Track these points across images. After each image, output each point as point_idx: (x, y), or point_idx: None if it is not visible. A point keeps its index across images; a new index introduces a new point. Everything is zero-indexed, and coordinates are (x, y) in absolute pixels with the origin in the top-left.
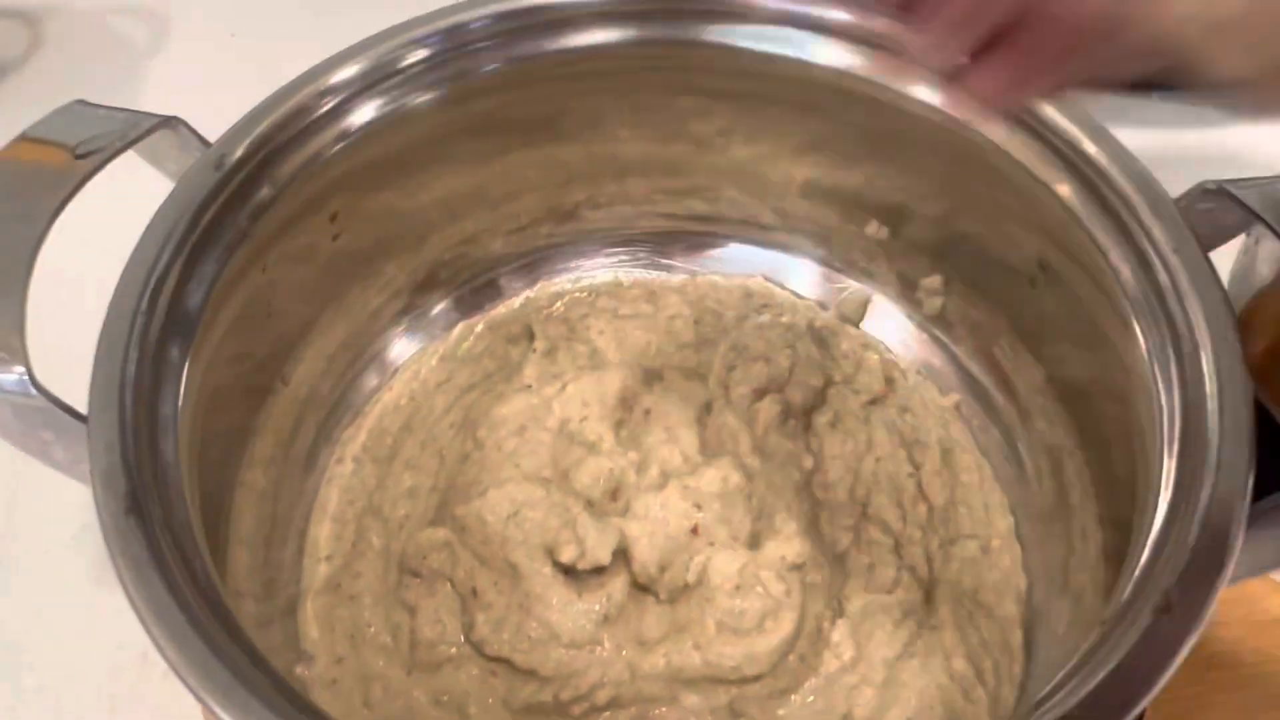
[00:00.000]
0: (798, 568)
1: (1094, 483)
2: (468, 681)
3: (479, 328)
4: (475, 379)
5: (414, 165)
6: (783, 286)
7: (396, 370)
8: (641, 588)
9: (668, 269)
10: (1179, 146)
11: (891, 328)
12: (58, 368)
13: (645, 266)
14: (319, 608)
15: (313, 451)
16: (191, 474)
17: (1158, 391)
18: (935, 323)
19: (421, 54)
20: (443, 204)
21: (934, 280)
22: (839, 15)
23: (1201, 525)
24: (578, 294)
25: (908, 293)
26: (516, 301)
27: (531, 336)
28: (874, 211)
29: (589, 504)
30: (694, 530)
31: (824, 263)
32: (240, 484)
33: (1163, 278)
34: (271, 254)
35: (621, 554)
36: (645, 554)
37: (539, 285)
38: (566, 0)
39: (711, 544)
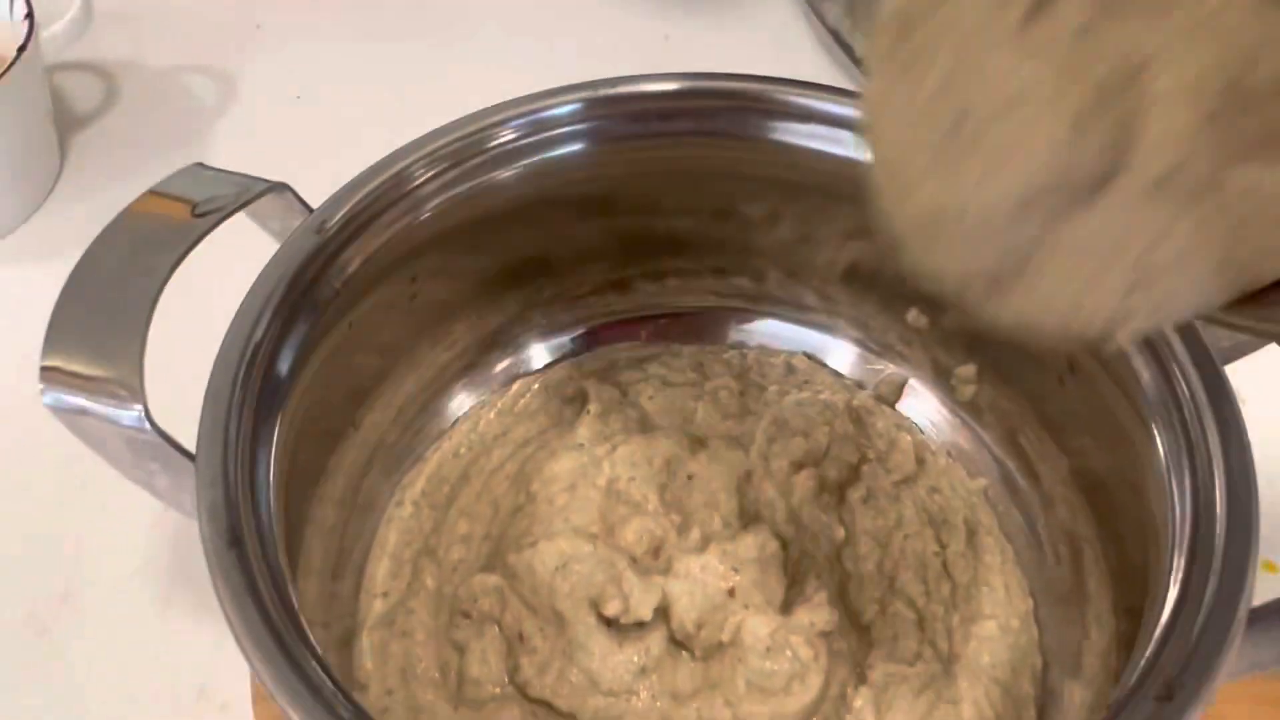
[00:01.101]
0: (825, 635)
1: (1110, 572)
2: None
3: (535, 386)
4: (531, 434)
5: (490, 233)
6: (824, 365)
7: (457, 421)
8: (678, 644)
9: (716, 340)
10: None
11: (925, 409)
12: (170, 407)
13: (695, 339)
14: (374, 641)
15: (375, 493)
16: (278, 511)
17: (1171, 493)
18: (966, 408)
19: (508, 135)
20: (511, 271)
21: (968, 369)
22: None
23: (1205, 621)
24: (631, 360)
25: (942, 379)
26: (573, 363)
27: (585, 398)
28: (914, 299)
29: (633, 560)
30: (730, 592)
31: (863, 344)
32: (311, 520)
33: (1181, 389)
34: (358, 310)
35: (661, 610)
36: (684, 612)
37: (596, 350)
38: (643, 91)
39: (746, 606)
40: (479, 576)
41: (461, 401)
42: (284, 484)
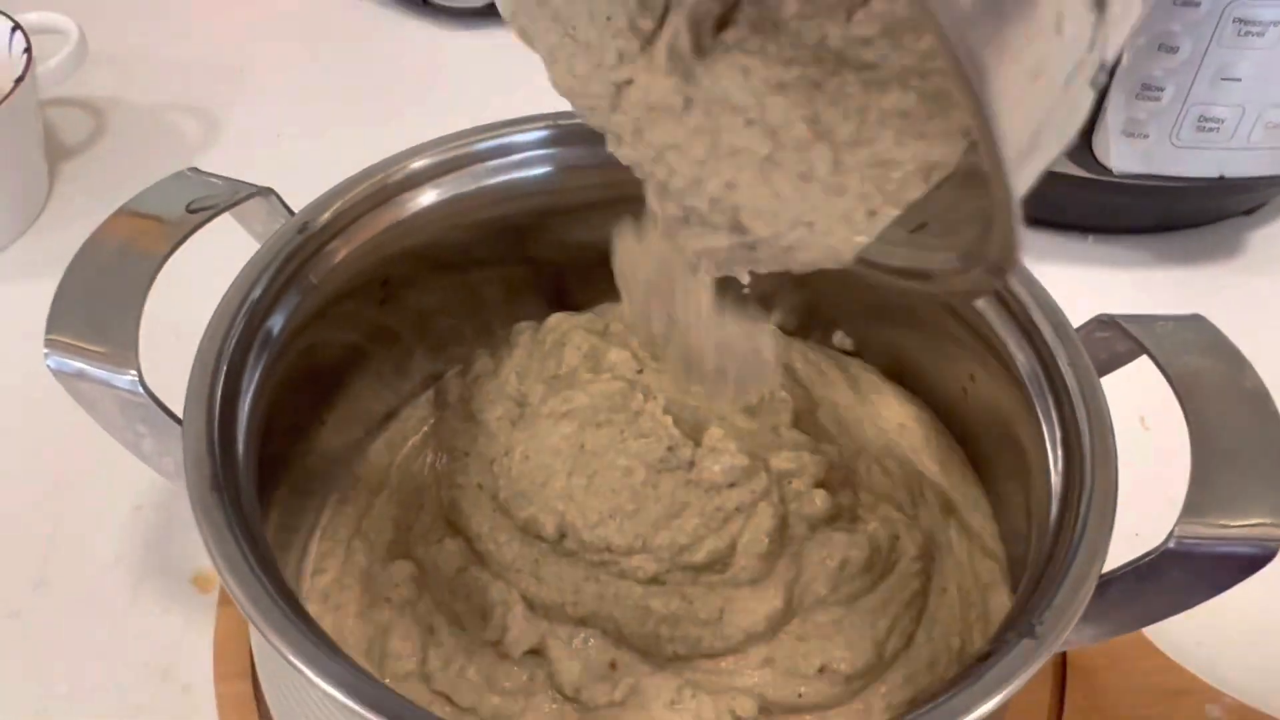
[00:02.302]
0: None
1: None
2: (427, 700)
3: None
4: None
5: (462, 247)
6: None
7: (398, 412)
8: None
9: None
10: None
11: None
12: (158, 381)
13: None
14: (312, 613)
15: (326, 481)
16: (251, 468)
17: (1050, 473)
18: None
19: (480, 149)
20: (475, 286)
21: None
22: None
23: (1065, 577)
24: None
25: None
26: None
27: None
28: (838, 323)
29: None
30: (612, 665)
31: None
32: (273, 504)
33: (1061, 383)
34: (332, 309)
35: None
36: (566, 675)
37: None
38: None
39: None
40: (397, 564)
41: (410, 413)
42: (258, 453)
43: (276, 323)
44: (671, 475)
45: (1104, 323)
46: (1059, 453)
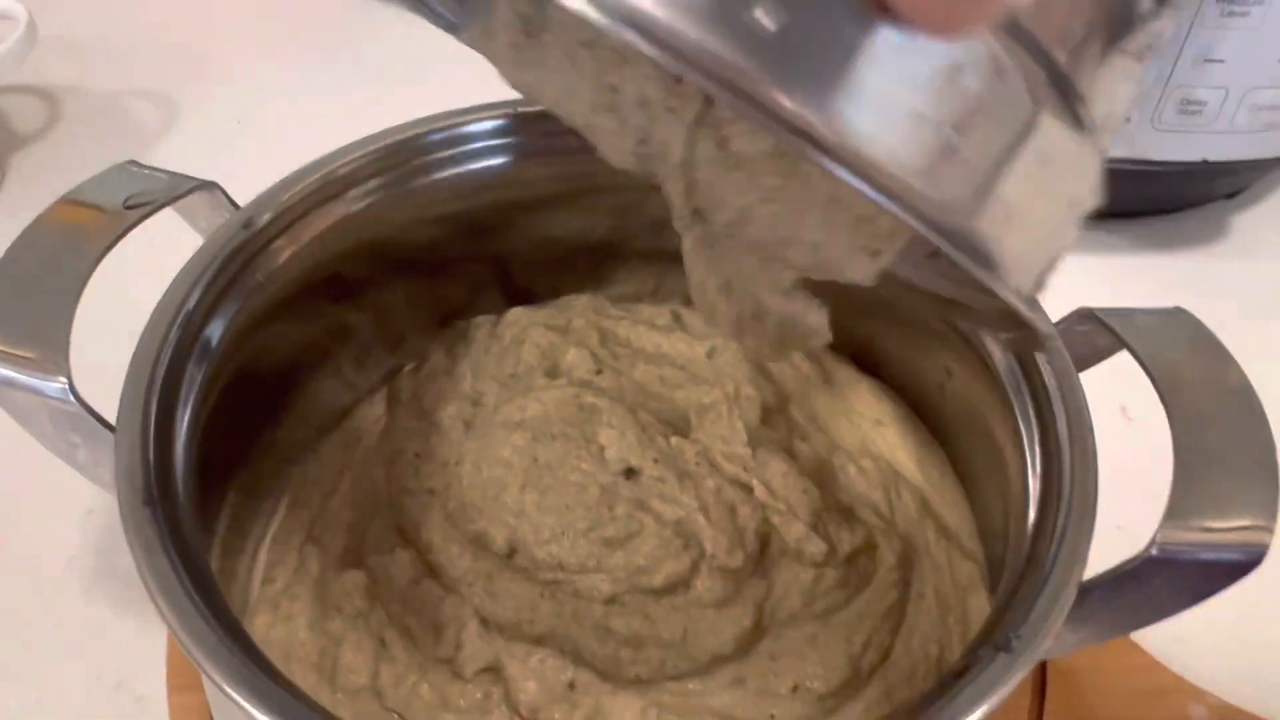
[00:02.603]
0: None
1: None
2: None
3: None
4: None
5: (413, 247)
6: None
7: (353, 410)
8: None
9: None
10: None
11: None
12: (94, 386)
13: None
14: (261, 624)
15: (278, 482)
16: (192, 479)
17: (1028, 473)
18: None
19: (433, 140)
20: (428, 277)
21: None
22: None
23: (1043, 586)
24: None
25: None
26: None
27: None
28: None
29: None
30: (570, 685)
31: None
32: (226, 505)
33: (1038, 381)
34: (280, 307)
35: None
36: (521, 694)
37: None
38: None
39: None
40: (348, 573)
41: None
42: (201, 463)
43: (217, 326)
44: (628, 494)
45: (1084, 316)
46: (1037, 453)
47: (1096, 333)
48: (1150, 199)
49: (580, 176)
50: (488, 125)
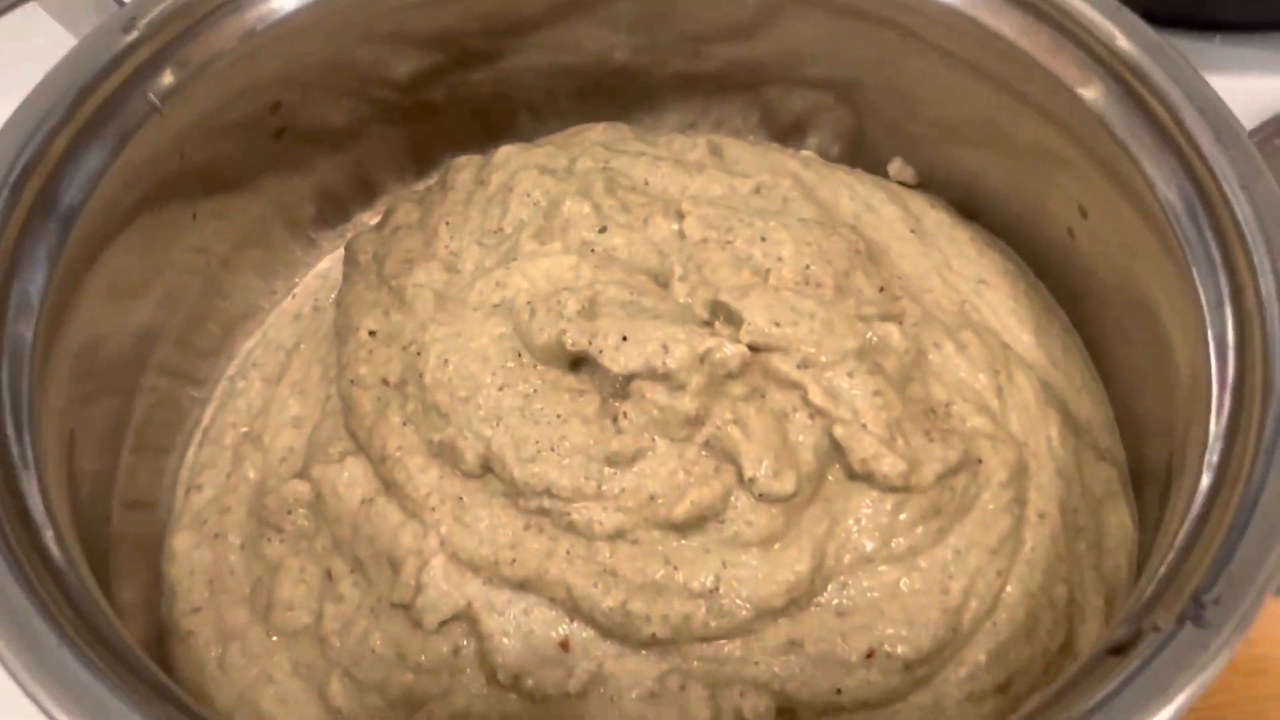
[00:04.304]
0: None
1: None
2: (324, 671)
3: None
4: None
5: (374, 72)
6: None
7: (304, 274)
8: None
9: None
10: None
11: None
12: None
13: None
14: (182, 545)
15: (213, 358)
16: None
17: (1208, 354)
18: None
19: None
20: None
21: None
22: None
23: (1248, 513)
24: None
25: None
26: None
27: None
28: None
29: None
30: (564, 644)
31: None
32: (141, 389)
33: (1225, 216)
34: (192, 142)
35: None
36: (501, 654)
37: None
38: None
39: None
40: (291, 483)
41: (315, 252)
42: (93, 347)
43: (91, 167)
44: (637, 399)
45: None
46: (1226, 318)
47: None
48: None
49: None
50: None
